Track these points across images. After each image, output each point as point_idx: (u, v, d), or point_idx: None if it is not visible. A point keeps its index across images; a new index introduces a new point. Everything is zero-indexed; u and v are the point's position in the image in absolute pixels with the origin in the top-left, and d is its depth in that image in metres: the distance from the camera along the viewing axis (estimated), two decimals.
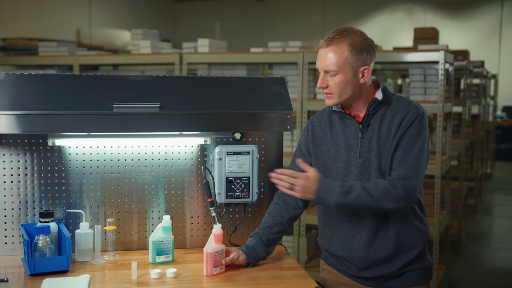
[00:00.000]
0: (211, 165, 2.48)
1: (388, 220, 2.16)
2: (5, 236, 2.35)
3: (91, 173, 2.41)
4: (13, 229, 2.36)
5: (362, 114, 2.19)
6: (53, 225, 2.24)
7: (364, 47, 2.12)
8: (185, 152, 2.49)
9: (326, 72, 2.13)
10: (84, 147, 2.40)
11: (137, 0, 13.19)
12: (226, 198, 2.39)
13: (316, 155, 2.27)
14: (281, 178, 2.13)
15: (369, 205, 2.07)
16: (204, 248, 2.16)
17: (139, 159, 2.45)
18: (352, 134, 2.19)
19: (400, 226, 2.16)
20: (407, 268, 2.19)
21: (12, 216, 2.35)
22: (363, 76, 2.13)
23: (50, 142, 2.31)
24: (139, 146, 2.45)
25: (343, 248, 2.23)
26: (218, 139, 2.49)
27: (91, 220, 2.42)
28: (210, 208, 2.38)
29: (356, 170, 2.17)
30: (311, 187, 2.08)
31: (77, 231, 2.30)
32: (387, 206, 2.08)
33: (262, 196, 2.53)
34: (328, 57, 2.12)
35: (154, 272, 2.12)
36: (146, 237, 2.47)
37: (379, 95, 2.17)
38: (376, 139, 2.15)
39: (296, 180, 2.09)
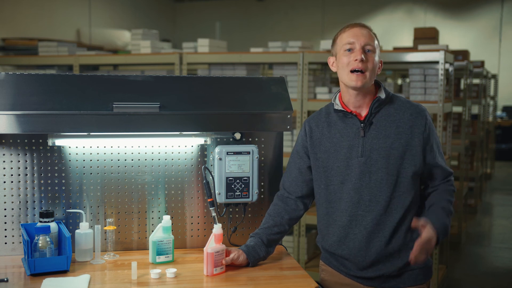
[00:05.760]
0: (211, 165, 2.48)
1: (389, 218, 2.15)
2: (5, 236, 2.35)
3: (91, 173, 2.41)
4: (13, 229, 2.36)
5: (363, 113, 2.19)
6: (53, 225, 2.24)
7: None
8: (185, 152, 2.49)
9: (364, 46, 2.14)
10: (84, 147, 2.40)
11: (137, 0, 13.18)
12: (226, 198, 2.39)
13: (315, 155, 2.27)
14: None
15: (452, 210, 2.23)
16: (204, 248, 2.16)
17: (139, 159, 2.45)
18: (354, 132, 2.18)
19: (400, 223, 2.16)
20: (407, 267, 2.19)
21: (12, 216, 2.35)
22: (379, 67, 2.19)
23: (50, 142, 2.31)
24: (139, 146, 2.45)
25: (344, 247, 2.21)
26: (218, 139, 2.49)
27: (91, 220, 2.42)
28: (210, 208, 2.38)
29: (357, 169, 2.16)
30: (433, 237, 2.08)
31: (77, 231, 2.30)
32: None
33: (262, 196, 2.53)
34: (368, 34, 2.15)
35: (154, 272, 2.12)
36: (146, 237, 2.47)
37: (382, 94, 2.18)
38: (383, 139, 2.14)
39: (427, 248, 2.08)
